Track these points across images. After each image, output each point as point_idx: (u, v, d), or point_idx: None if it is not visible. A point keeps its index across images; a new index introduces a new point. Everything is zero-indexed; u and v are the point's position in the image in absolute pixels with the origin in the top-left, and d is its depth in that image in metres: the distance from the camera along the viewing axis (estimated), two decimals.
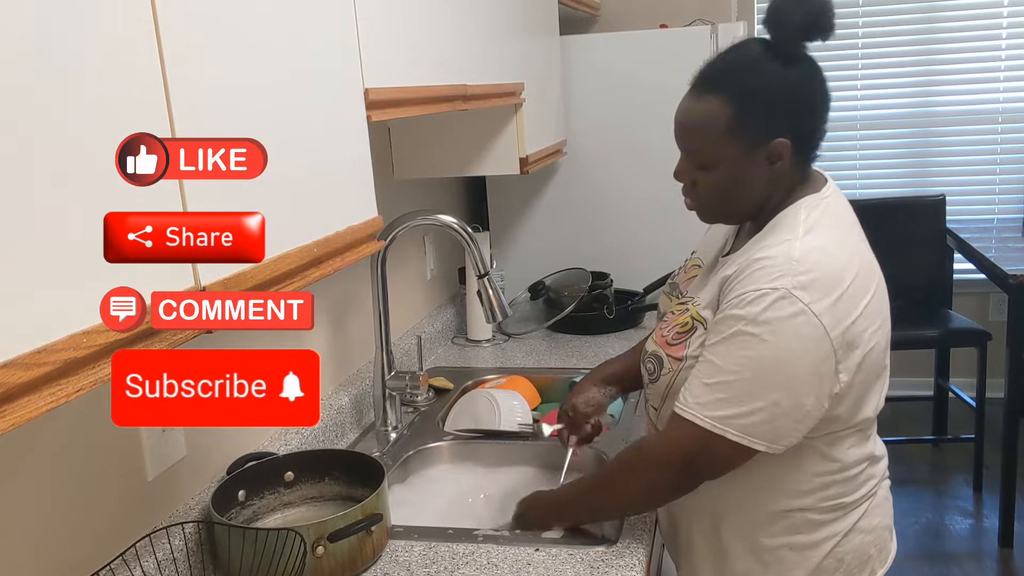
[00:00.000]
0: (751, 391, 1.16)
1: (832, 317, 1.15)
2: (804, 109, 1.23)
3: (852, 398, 1.22)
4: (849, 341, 1.17)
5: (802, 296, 1.14)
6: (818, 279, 1.15)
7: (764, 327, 1.15)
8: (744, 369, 1.16)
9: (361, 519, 1.27)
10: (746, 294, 1.17)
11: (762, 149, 1.22)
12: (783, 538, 1.30)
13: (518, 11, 2.10)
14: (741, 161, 1.23)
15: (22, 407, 0.64)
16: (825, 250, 1.20)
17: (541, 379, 2.13)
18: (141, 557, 1.19)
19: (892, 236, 3.54)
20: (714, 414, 1.17)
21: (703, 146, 1.24)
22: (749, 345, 1.16)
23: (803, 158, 1.26)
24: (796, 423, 1.18)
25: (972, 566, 3.00)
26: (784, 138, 1.21)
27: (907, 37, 3.88)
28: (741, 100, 1.20)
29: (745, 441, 1.17)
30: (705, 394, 1.19)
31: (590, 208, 2.73)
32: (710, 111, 1.22)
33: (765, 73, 1.21)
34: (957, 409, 3.67)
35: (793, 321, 1.14)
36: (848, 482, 1.29)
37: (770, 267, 1.17)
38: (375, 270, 1.75)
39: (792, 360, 1.15)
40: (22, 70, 0.65)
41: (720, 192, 1.26)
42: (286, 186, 0.99)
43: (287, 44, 1.03)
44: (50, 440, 1.12)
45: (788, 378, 1.16)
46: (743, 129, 1.21)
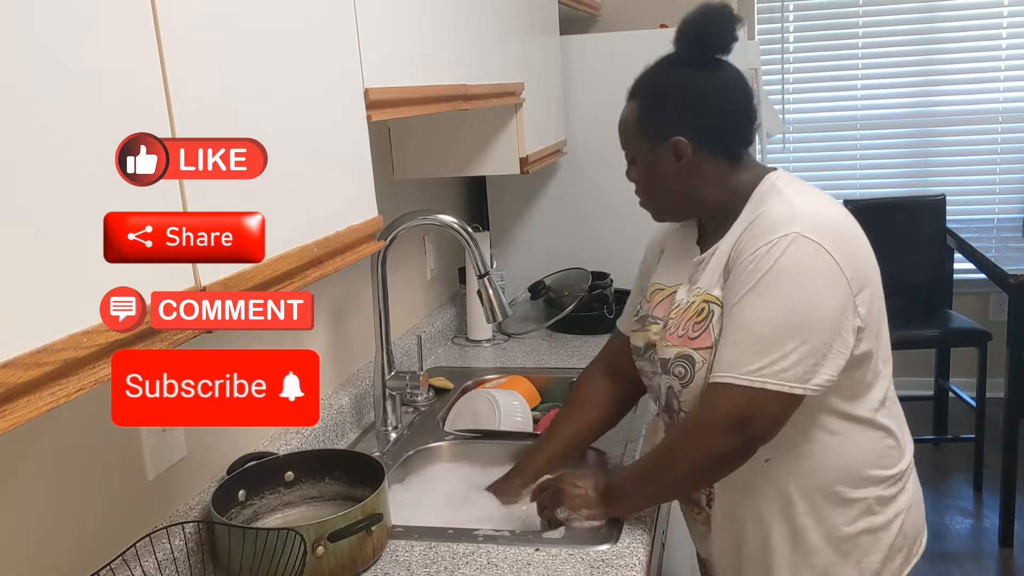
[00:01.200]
0: (781, 337, 1.20)
1: (842, 255, 1.22)
2: (700, 109, 1.33)
3: (873, 331, 1.28)
4: (858, 277, 1.24)
5: (814, 236, 1.21)
6: (823, 222, 1.25)
7: (784, 272, 1.21)
8: (773, 316, 1.21)
9: (361, 519, 1.27)
10: (759, 249, 1.23)
11: (664, 145, 1.33)
12: (861, 522, 1.33)
13: (518, 11, 2.10)
14: (650, 156, 1.36)
15: (22, 407, 0.64)
16: (819, 201, 1.30)
17: (541, 379, 2.13)
18: (141, 557, 1.19)
19: (892, 236, 3.55)
20: (750, 367, 1.21)
21: (625, 144, 1.41)
22: (773, 292, 1.21)
23: (723, 154, 1.34)
24: (829, 361, 1.22)
25: (972, 566, 3.00)
26: (681, 136, 1.31)
27: (907, 37, 3.88)
28: (644, 101, 1.37)
29: (784, 387, 1.20)
30: (736, 354, 1.22)
31: (590, 208, 2.73)
32: (628, 113, 1.39)
33: (665, 77, 1.36)
34: (957, 409, 3.67)
35: (812, 260, 1.21)
36: (899, 448, 1.35)
37: (776, 220, 1.25)
38: (375, 270, 1.75)
39: (815, 297, 1.21)
40: (22, 70, 0.65)
41: (644, 185, 1.40)
42: (286, 186, 0.99)
43: (287, 44, 1.03)
44: (50, 440, 1.12)
45: (814, 317, 1.21)
46: (646, 127, 1.36)
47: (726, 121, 1.35)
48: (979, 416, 3.31)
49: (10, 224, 0.64)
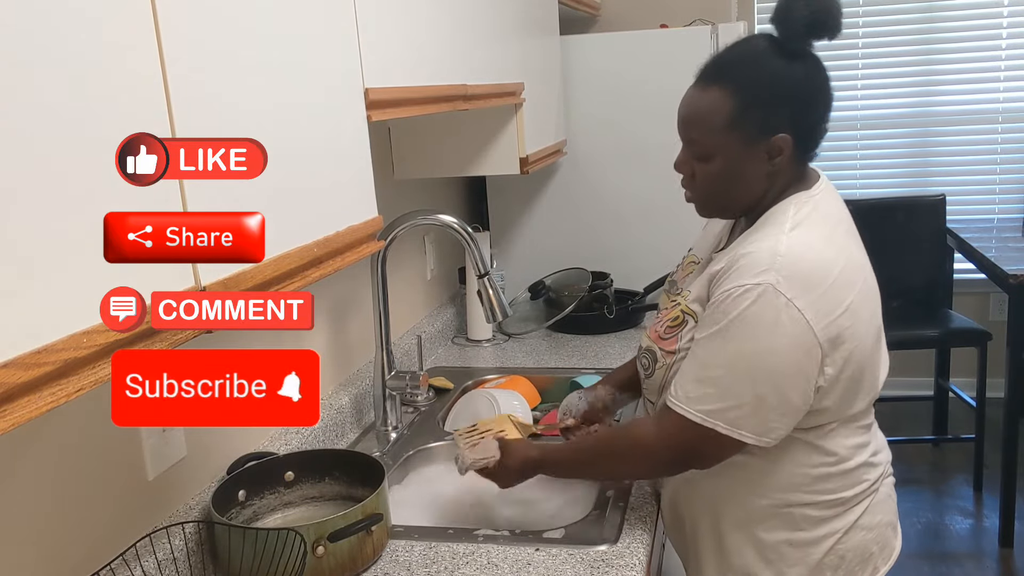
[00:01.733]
0: (738, 385, 1.19)
1: (816, 312, 1.16)
2: (806, 105, 1.24)
3: (839, 391, 1.24)
4: (834, 336, 1.18)
5: (785, 291, 1.16)
6: (802, 274, 1.17)
7: (747, 324, 1.17)
8: (731, 364, 1.19)
9: (361, 519, 1.27)
10: (732, 290, 1.19)
11: (762, 143, 1.23)
12: (782, 533, 1.31)
13: (518, 11, 2.10)
14: (740, 154, 1.24)
15: (22, 407, 0.64)
16: (810, 245, 1.21)
17: (541, 379, 2.13)
18: (141, 557, 1.19)
19: (892, 236, 3.55)
20: (703, 408, 1.21)
21: (703, 136, 1.25)
22: (735, 340, 1.18)
23: (802, 155, 1.28)
24: (782, 416, 1.21)
25: (972, 566, 3.00)
26: (786, 133, 1.22)
27: (907, 37, 3.88)
28: (743, 93, 1.22)
29: (734, 434, 1.20)
30: (695, 389, 1.22)
31: (590, 208, 2.73)
32: (712, 102, 1.23)
33: (768, 68, 1.23)
34: (957, 409, 3.67)
35: (777, 316, 1.16)
36: (845, 476, 1.30)
37: (755, 262, 1.19)
38: (375, 270, 1.75)
39: (777, 355, 1.18)
40: (22, 70, 0.65)
41: (717, 184, 1.28)
42: (286, 186, 0.99)
43: (287, 44, 1.03)
44: (50, 440, 1.12)
45: (773, 373, 1.18)
46: (744, 122, 1.22)
47: (822, 121, 1.26)
48: (979, 416, 3.31)
49: (10, 224, 0.64)
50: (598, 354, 2.28)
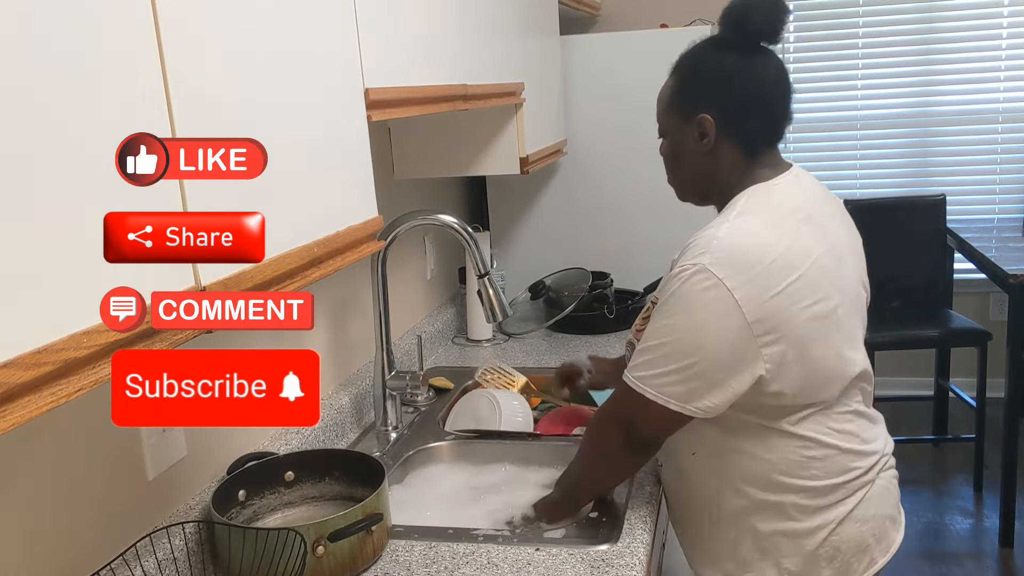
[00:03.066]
0: (669, 355, 1.26)
1: (746, 292, 1.21)
2: (728, 90, 1.34)
3: (793, 376, 1.26)
4: (766, 317, 1.22)
5: (716, 271, 1.22)
6: (734, 256, 1.24)
7: (680, 299, 1.25)
8: (664, 336, 1.27)
9: (361, 519, 1.27)
10: (675, 272, 1.27)
11: (691, 122, 1.35)
12: (777, 524, 1.34)
13: (518, 11, 2.10)
14: (678, 131, 1.38)
15: (22, 407, 0.64)
16: (748, 231, 1.28)
17: (541, 379, 2.12)
18: (141, 557, 1.19)
19: (892, 236, 3.55)
20: (638, 374, 1.29)
21: (658, 116, 1.43)
22: (669, 315, 1.27)
23: (738, 140, 1.34)
24: (710, 388, 1.25)
25: (972, 566, 3.00)
26: (707, 114, 1.33)
27: (907, 37, 3.88)
28: (681, 76, 1.39)
29: (661, 400, 1.27)
30: (637, 358, 1.30)
31: (590, 208, 2.73)
32: (665, 86, 1.42)
33: (702, 56, 1.38)
34: (957, 409, 3.67)
35: (706, 294, 1.22)
36: (827, 461, 1.32)
37: (695, 246, 1.27)
38: (375, 270, 1.75)
39: (703, 329, 1.24)
40: (22, 70, 0.65)
41: (669, 162, 1.44)
42: (286, 186, 0.99)
43: (287, 44, 1.03)
44: (50, 440, 1.12)
45: (699, 347, 1.25)
46: (676, 102, 1.38)
47: (750, 108, 1.34)
48: (979, 416, 3.31)
49: (10, 224, 0.64)
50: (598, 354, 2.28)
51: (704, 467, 1.38)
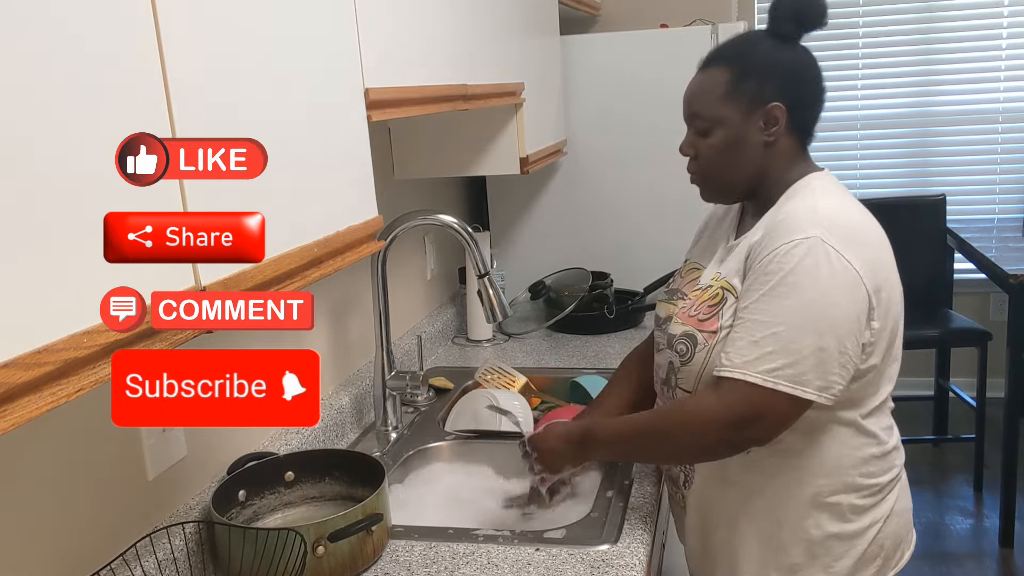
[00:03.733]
0: (798, 339, 1.19)
1: (862, 263, 1.21)
2: (798, 80, 1.32)
3: (883, 348, 1.27)
4: (878, 288, 1.23)
5: (834, 243, 1.20)
6: (845, 229, 1.23)
7: (803, 275, 1.19)
8: (790, 318, 1.20)
9: (361, 519, 1.27)
10: (778, 248, 1.22)
11: (758, 111, 1.30)
12: (830, 527, 1.31)
13: (518, 11, 2.10)
14: (738, 122, 1.31)
15: (22, 407, 0.64)
16: (846, 208, 1.29)
17: (541, 379, 2.13)
18: (141, 557, 1.19)
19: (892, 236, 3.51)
20: (765, 367, 1.20)
21: (704, 110, 1.32)
22: (791, 294, 1.20)
23: (799, 131, 1.33)
24: (843, 367, 1.21)
25: (972, 566, 3.00)
26: (779, 102, 1.29)
27: (907, 37, 3.88)
28: (738, 65, 1.31)
29: (798, 391, 1.19)
30: (752, 351, 1.21)
31: (590, 208, 2.73)
32: (711, 78, 1.32)
33: (761, 46, 1.33)
34: (957, 409, 3.67)
35: (830, 266, 1.19)
36: (884, 458, 1.33)
37: (798, 220, 1.23)
38: (375, 270, 1.75)
39: (833, 303, 1.20)
40: (22, 70, 0.65)
41: (719, 157, 1.33)
42: (286, 186, 0.99)
43: (287, 44, 1.03)
44: (50, 440, 1.12)
45: (831, 321, 1.20)
46: (740, 91, 1.30)
47: (815, 99, 1.34)
48: (979, 416, 3.31)
49: (10, 224, 0.64)
50: (598, 354, 2.28)
51: (757, 468, 1.31)
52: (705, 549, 1.42)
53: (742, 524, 1.35)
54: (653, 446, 1.36)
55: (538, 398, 2.05)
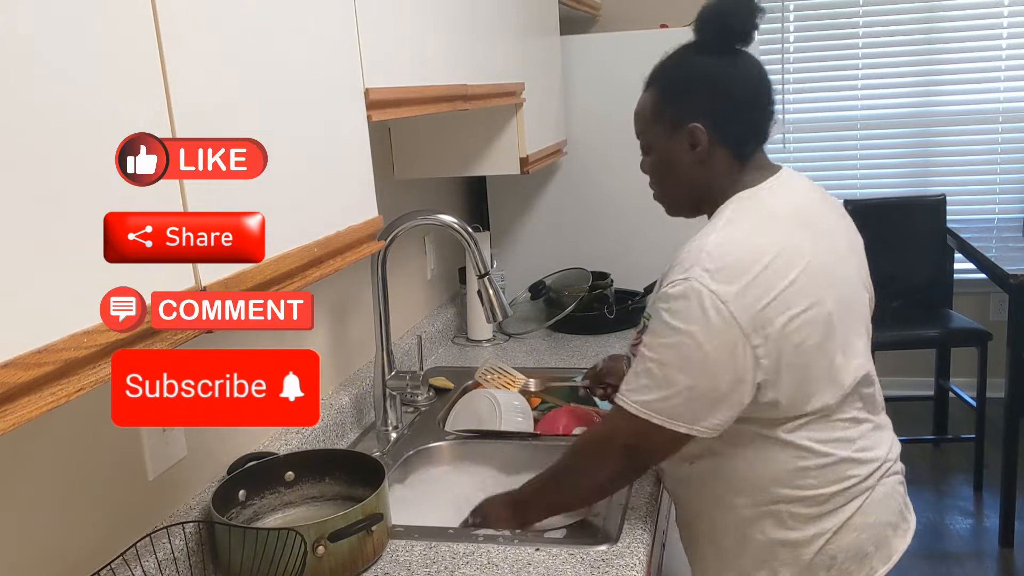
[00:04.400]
0: (668, 376, 1.23)
1: (740, 302, 1.19)
2: (719, 96, 1.32)
3: (787, 385, 1.24)
4: (762, 324, 1.20)
5: (708, 284, 1.19)
6: (725, 267, 1.20)
7: (675, 316, 1.22)
8: (662, 356, 1.23)
9: (361, 519, 1.27)
10: (664, 287, 1.25)
11: (680, 132, 1.32)
12: (773, 533, 1.32)
13: (518, 11, 2.10)
14: (666, 143, 1.35)
15: (23, 407, 0.64)
16: (735, 240, 1.25)
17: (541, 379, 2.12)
18: (141, 557, 1.19)
19: (892, 236, 3.55)
20: (639, 399, 1.25)
21: (640, 131, 1.40)
22: (664, 333, 1.23)
23: (731, 147, 1.32)
24: (715, 405, 1.23)
25: (972, 566, 3.00)
26: (698, 123, 1.30)
27: (907, 37, 3.88)
28: (662, 86, 1.36)
29: (669, 424, 1.24)
30: (633, 381, 1.27)
31: (590, 208, 2.73)
32: (643, 100, 1.38)
33: (685, 64, 1.35)
34: (957, 409, 3.67)
35: (700, 309, 1.20)
36: (823, 471, 1.30)
37: (684, 259, 1.24)
38: (375, 270, 1.75)
39: (702, 346, 1.20)
40: (22, 70, 0.65)
41: (658, 175, 1.40)
42: (286, 186, 0.99)
43: (287, 44, 1.03)
44: (50, 440, 1.12)
45: (700, 363, 1.21)
46: (663, 112, 1.34)
47: (740, 110, 1.33)
48: (979, 416, 3.31)
49: (10, 224, 0.64)
50: (598, 354, 2.28)
51: (703, 476, 1.36)
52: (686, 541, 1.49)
53: (697, 523, 1.42)
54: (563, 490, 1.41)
55: (538, 398, 2.05)
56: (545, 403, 2.05)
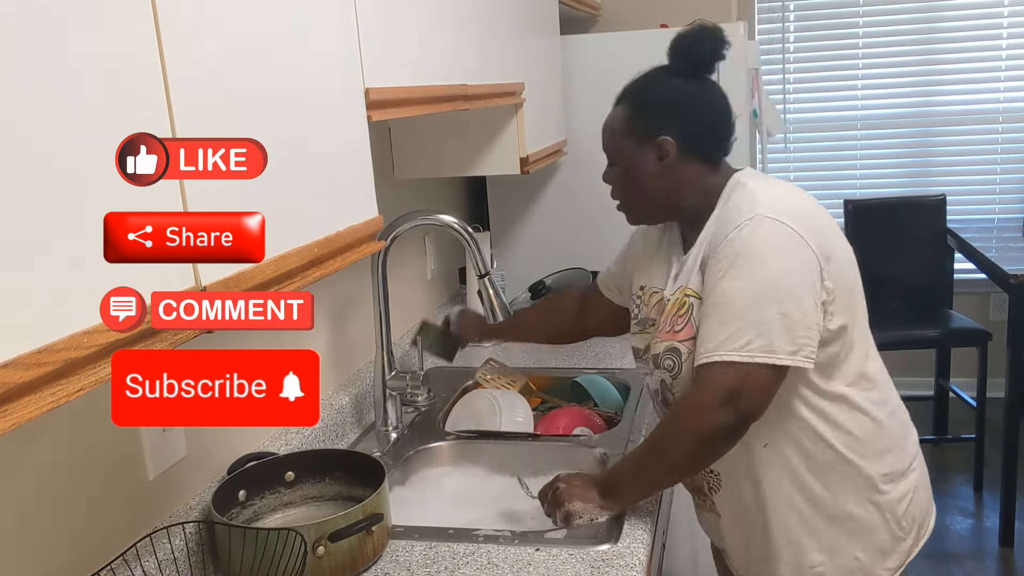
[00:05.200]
0: (761, 311, 1.25)
1: (806, 230, 1.28)
2: (688, 113, 1.40)
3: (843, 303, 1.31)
4: (824, 250, 1.29)
5: (776, 215, 1.28)
6: (783, 206, 1.31)
7: (752, 251, 1.27)
8: (750, 294, 1.26)
9: (362, 519, 1.27)
10: (728, 236, 1.29)
11: (650, 145, 1.40)
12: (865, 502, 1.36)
13: (518, 11, 2.10)
14: (634, 156, 1.42)
15: (23, 407, 0.64)
16: (780, 189, 1.39)
17: (541, 379, 2.13)
18: (142, 557, 1.19)
19: (892, 236, 3.55)
20: (736, 344, 1.25)
21: (608, 145, 1.46)
22: (745, 271, 1.27)
23: (701, 156, 1.40)
24: (807, 329, 1.26)
25: (972, 565, 3.00)
26: (667, 136, 1.38)
27: (907, 37, 3.88)
28: (633, 103, 1.44)
29: (771, 359, 1.24)
30: (721, 332, 1.26)
31: (590, 208, 2.73)
32: (614, 116, 1.46)
33: (658, 82, 1.44)
34: (958, 409, 3.67)
35: (776, 237, 1.27)
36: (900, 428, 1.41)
37: (739, 209, 1.31)
38: (376, 270, 1.75)
39: (786, 270, 1.27)
40: (22, 70, 0.65)
41: (623, 185, 1.47)
42: (286, 186, 0.99)
43: (288, 44, 1.03)
44: (51, 440, 1.12)
45: (788, 287, 1.26)
46: (633, 126, 1.42)
47: (708, 128, 1.42)
48: (979, 416, 3.31)
49: (10, 224, 0.64)
50: (598, 354, 2.28)
51: (777, 456, 1.34)
52: (748, 545, 1.43)
53: (775, 511, 1.37)
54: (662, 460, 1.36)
55: (538, 398, 2.05)
56: (545, 403, 2.05)
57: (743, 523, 1.42)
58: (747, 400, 1.26)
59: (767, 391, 1.27)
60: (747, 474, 1.37)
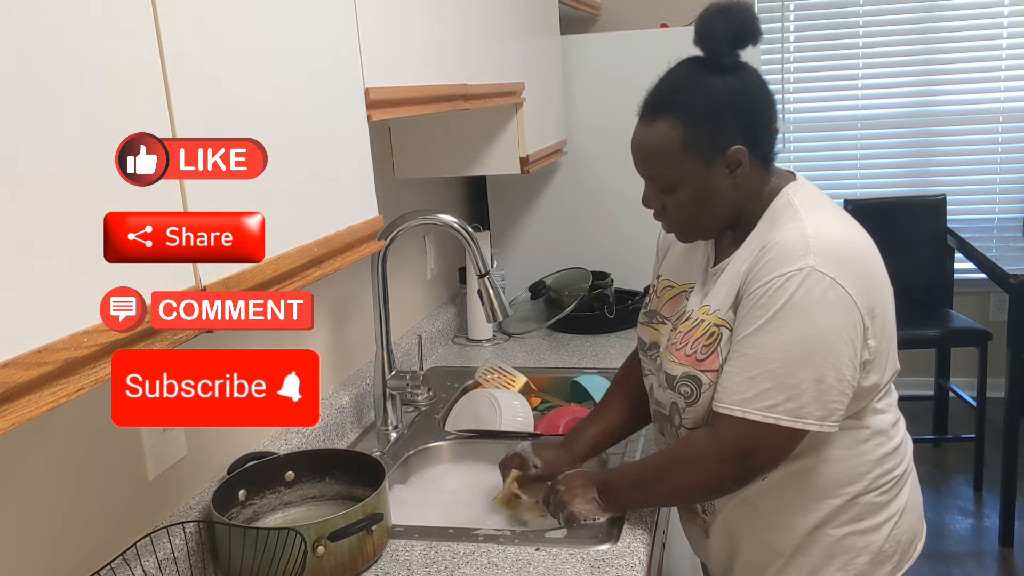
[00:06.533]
0: (795, 373, 1.18)
1: (856, 286, 1.19)
2: (750, 113, 1.27)
3: (880, 362, 1.26)
4: (871, 307, 1.21)
5: (828, 271, 1.17)
6: (837, 253, 1.20)
7: (797, 309, 1.17)
8: (786, 354, 1.18)
9: (362, 519, 1.27)
10: (772, 281, 1.19)
11: (719, 159, 1.25)
12: (849, 527, 1.31)
13: (518, 11, 2.10)
14: (703, 175, 1.26)
15: (23, 406, 0.64)
16: (833, 226, 1.25)
17: (542, 379, 2.13)
18: (142, 557, 1.19)
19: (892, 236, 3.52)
20: (763, 404, 1.19)
21: (664, 170, 1.27)
22: (786, 329, 1.18)
23: (762, 159, 1.29)
24: (841, 395, 1.21)
25: (972, 565, 3.00)
26: (738, 144, 1.24)
27: (907, 37, 3.88)
28: (688, 117, 1.24)
29: (798, 424, 1.19)
30: (749, 387, 1.20)
31: (590, 208, 2.73)
32: (663, 134, 1.25)
33: (703, 87, 1.25)
34: (957, 409, 3.67)
35: (825, 297, 1.17)
36: (896, 453, 1.34)
37: (789, 249, 1.20)
38: (375, 270, 1.75)
39: (829, 335, 1.18)
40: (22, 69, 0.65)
41: (692, 210, 1.29)
42: (286, 186, 0.99)
43: (288, 44, 1.03)
44: (50, 440, 1.12)
45: (828, 353, 1.18)
46: (696, 144, 1.24)
47: (771, 121, 1.29)
48: (979, 416, 3.31)
49: (11, 224, 0.64)
50: (598, 354, 2.28)
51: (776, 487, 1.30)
52: (731, 567, 1.42)
53: (766, 538, 1.35)
54: (659, 488, 1.37)
55: (538, 398, 2.05)
56: (545, 403, 2.05)
57: (731, 545, 1.39)
58: (760, 459, 1.24)
59: (783, 452, 1.23)
60: (744, 502, 1.34)
